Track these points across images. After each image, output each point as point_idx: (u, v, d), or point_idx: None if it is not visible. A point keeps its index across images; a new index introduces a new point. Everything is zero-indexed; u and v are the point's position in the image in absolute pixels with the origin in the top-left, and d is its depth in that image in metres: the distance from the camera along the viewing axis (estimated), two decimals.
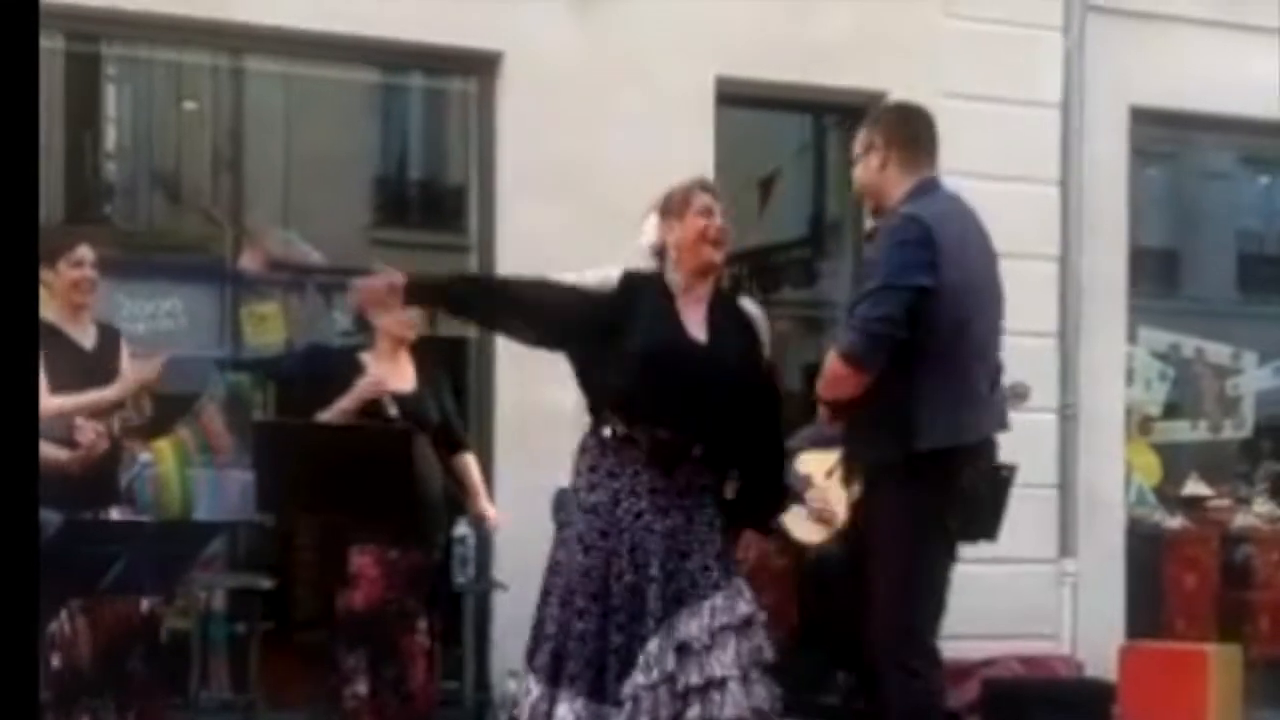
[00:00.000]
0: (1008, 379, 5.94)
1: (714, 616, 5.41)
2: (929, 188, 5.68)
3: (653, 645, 5.34)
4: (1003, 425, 5.74)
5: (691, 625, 5.39)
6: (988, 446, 5.70)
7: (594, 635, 5.41)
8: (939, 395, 5.44)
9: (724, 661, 5.38)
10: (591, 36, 9.34)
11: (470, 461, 7.91)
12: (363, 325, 7.78)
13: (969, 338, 5.55)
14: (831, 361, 5.54)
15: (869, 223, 6.13)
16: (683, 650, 5.36)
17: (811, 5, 9.71)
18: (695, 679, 5.34)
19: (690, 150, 9.29)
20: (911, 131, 5.77)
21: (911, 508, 5.46)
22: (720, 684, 5.36)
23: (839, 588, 7.62)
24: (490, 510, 7.93)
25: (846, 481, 6.03)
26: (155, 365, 6.84)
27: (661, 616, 5.37)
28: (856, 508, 5.98)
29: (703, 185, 5.79)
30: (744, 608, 5.47)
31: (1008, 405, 5.93)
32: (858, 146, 5.81)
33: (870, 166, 5.73)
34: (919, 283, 5.38)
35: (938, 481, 5.45)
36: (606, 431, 5.55)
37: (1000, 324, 5.75)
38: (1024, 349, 9.51)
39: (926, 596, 5.58)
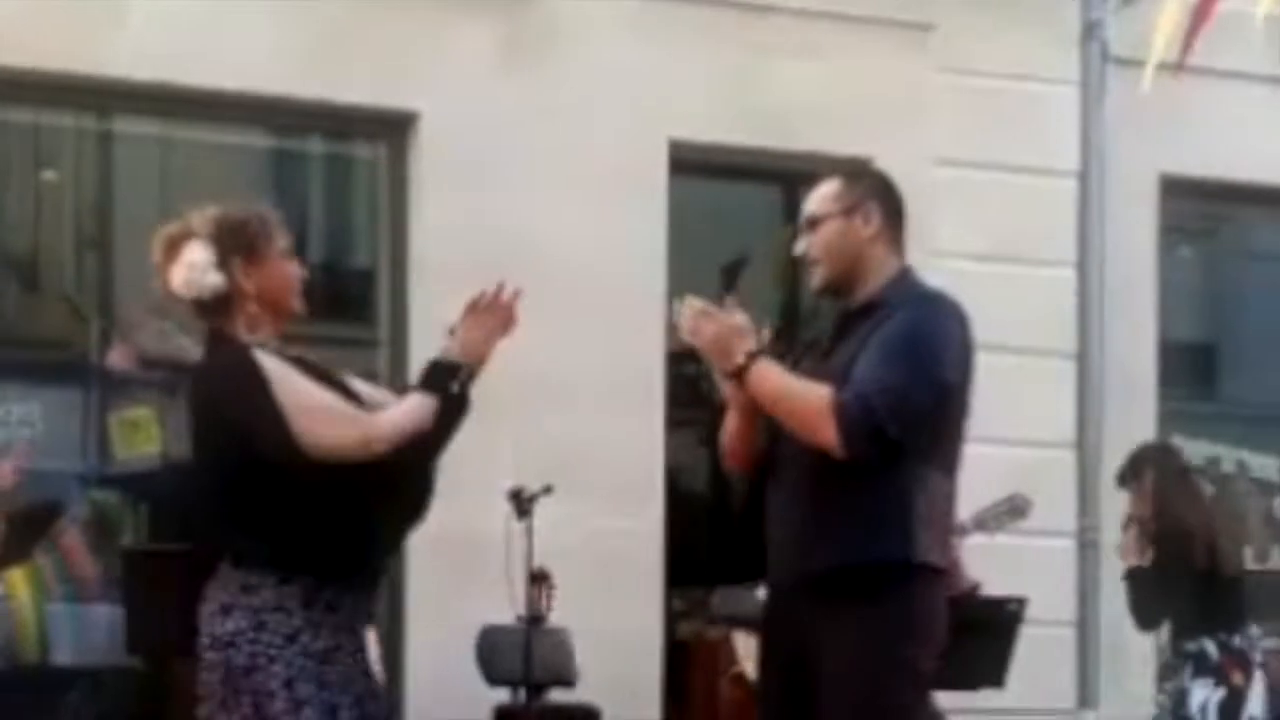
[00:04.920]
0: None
1: None
2: (912, 276, 5.53)
3: None
4: None
5: None
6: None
7: None
8: (936, 506, 5.32)
9: None
10: (523, 95, 9.41)
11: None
12: None
13: (961, 449, 5.44)
14: (821, 406, 5.21)
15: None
16: None
17: (781, 59, 9.78)
18: None
19: (639, 226, 9.42)
20: (899, 204, 5.56)
21: (899, 623, 5.23)
22: None
23: None
24: (379, 679, 7.84)
25: None
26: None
27: None
28: None
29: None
30: None
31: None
32: (833, 203, 5.48)
33: (858, 231, 5.43)
34: (950, 378, 5.25)
35: (915, 602, 5.30)
36: None
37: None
38: (1033, 461, 9.63)
39: None
